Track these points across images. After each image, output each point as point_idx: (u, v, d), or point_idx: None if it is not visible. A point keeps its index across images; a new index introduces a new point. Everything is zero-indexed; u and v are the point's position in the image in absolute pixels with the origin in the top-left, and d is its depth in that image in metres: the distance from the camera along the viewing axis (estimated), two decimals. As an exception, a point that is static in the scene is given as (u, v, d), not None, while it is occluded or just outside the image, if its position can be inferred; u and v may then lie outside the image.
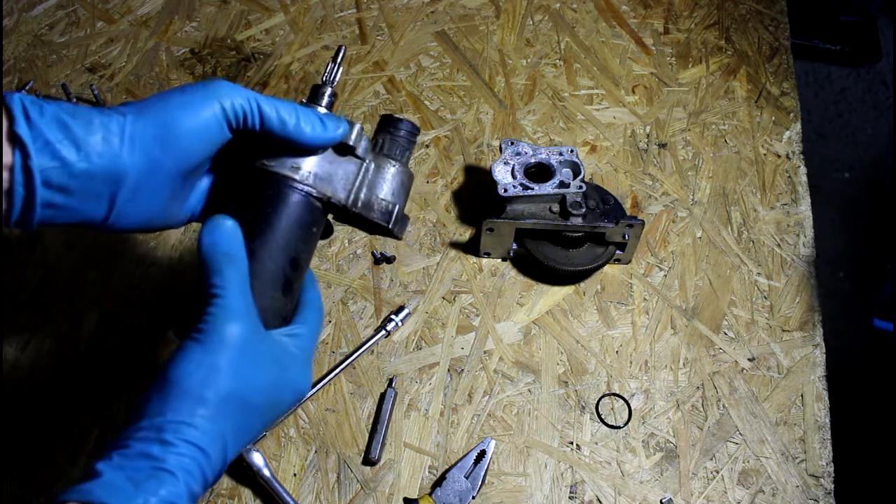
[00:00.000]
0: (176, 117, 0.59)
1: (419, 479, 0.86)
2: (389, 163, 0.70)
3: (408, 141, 0.72)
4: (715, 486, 0.86)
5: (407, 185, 0.72)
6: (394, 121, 0.72)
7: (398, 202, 0.71)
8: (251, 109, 0.61)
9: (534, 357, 0.93)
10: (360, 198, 0.69)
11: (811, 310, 0.98)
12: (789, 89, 1.17)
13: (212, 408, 0.55)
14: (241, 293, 0.58)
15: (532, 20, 1.24)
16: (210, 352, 0.56)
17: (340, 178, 0.68)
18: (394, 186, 0.70)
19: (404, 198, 0.72)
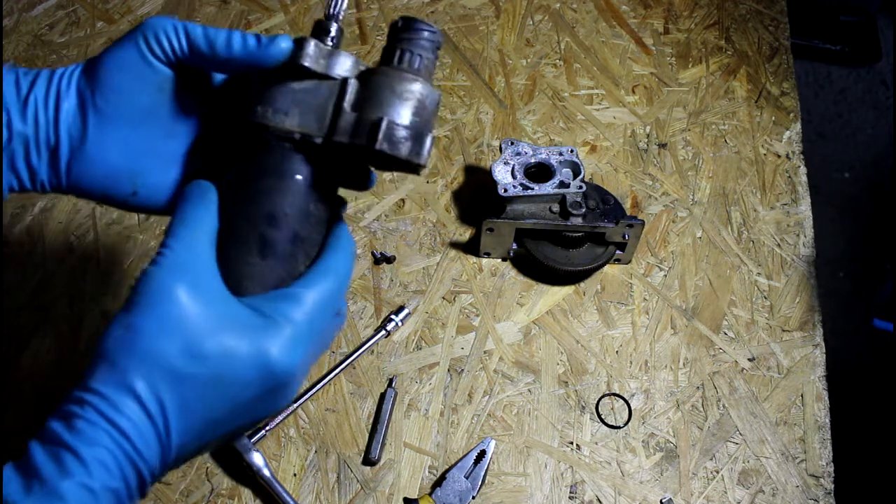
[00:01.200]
0: (99, 56, 0.56)
1: (419, 479, 0.86)
2: (399, 76, 0.55)
3: (425, 48, 0.56)
4: (715, 486, 0.86)
5: (425, 102, 0.55)
6: (408, 25, 0.57)
7: (415, 126, 0.54)
8: (175, 32, 0.56)
9: (534, 357, 0.93)
10: (342, 123, 0.54)
11: (811, 310, 0.98)
12: (789, 89, 1.17)
13: (131, 376, 0.48)
14: (191, 252, 0.51)
15: (532, 20, 1.24)
16: (133, 312, 0.49)
17: (311, 107, 0.55)
18: (404, 102, 0.54)
19: (422, 117, 0.55)
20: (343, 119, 0.54)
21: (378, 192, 1.05)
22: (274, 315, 0.52)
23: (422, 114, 0.55)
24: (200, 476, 0.85)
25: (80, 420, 0.47)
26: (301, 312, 0.53)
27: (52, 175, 0.57)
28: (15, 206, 1.02)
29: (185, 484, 0.85)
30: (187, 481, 0.85)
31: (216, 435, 0.52)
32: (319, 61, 0.55)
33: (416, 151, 0.54)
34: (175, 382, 0.48)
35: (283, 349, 0.51)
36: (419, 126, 0.55)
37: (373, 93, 0.55)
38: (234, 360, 0.49)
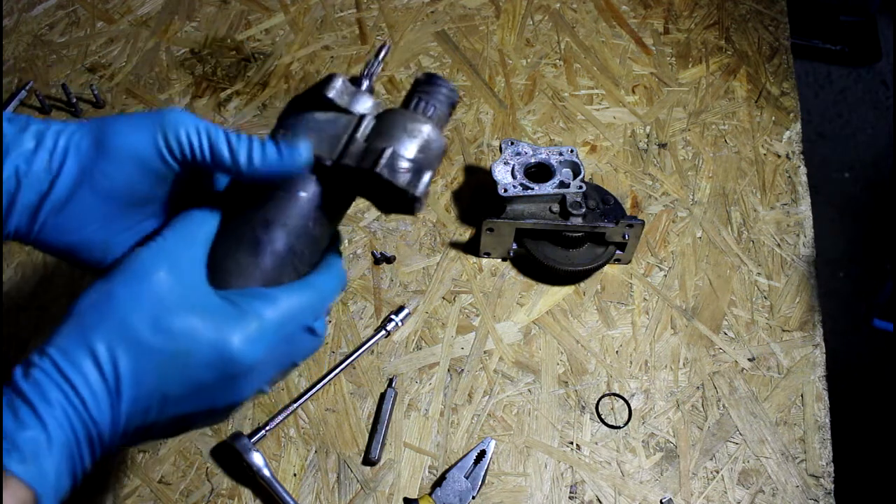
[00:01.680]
0: (114, 130, 0.55)
1: (419, 479, 0.86)
2: (412, 117, 0.59)
3: (441, 101, 0.61)
4: (715, 486, 0.86)
5: (431, 144, 0.59)
6: (429, 79, 0.62)
7: (417, 161, 0.58)
8: (198, 135, 0.55)
9: (534, 357, 0.93)
10: (352, 150, 0.58)
11: (811, 310, 0.98)
12: (789, 89, 1.17)
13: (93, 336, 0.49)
14: (182, 243, 0.53)
15: (532, 20, 1.24)
16: (111, 281, 0.51)
17: (327, 135, 0.59)
18: (412, 138, 0.58)
19: (426, 155, 0.59)
20: (354, 146, 0.58)
21: (378, 192, 1.05)
22: (244, 307, 0.53)
23: (426, 152, 0.59)
24: (200, 476, 0.85)
25: (38, 370, 0.49)
26: (271, 312, 0.53)
27: (25, 224, 0.56)
28: (15, 206, 1.02)
29: (185, 484, 0.85)
30: (187, 481, 0.85)
31: (168, 413, 0.52)
32: (343, 97, 0.59)
33: (414, 184, 0.57)
34: (134, 350, 0.50)
35: (245, 340, 0.52)
36: (421, 162, 0.58)
37: (385, 128, 0.59)
38: (196, 340, 0.51)
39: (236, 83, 1.15)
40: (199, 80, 1.15)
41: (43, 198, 0.55)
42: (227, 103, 1.13)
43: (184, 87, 1.14)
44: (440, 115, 0.62)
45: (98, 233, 0.57)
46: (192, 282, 0.53)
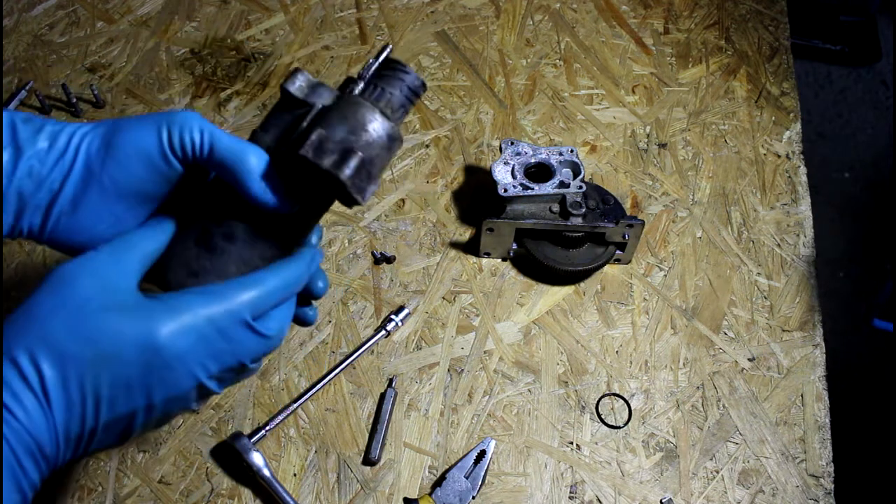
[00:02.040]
0: (120, 127, 0.57)
1: (419, 479, 0.86)
2: (355, 102, 0.57)
3: (394, 86, 0.60)
4: (715, 486, 0.86)
5: (367, 127, 0.56)
6: (388, 63, 0.60)
7: (361, 150, 0.55)
8: (201, 136, 0.56)
9: (534, 357, 0.93)
10: (292, 137, 0.57)
11: (811, 310, 0.98)
12: (789, 89, 1.17)
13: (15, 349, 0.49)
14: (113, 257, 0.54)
15: (532, 20, 1.24)
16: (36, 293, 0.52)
17: (284, 127, 0.58)
18: (343, 122, 0.56)
19: (359, 138, 0.56)
20: (296, 134, 0.57)
21: (378, 192, 1.05)
22: (176, 302, 0.53)
23: (360, 135, 0.56)
24: (200, 476, 0.85)
25: None
26: (203, 305, 0.53)
27: (38, 223, 0.57)
28: (15, 206, 1.02)
29: (185, 484, 0.85)
30: (187, 481, 0.85)
31: (106, 415, 0.52)
32: (304, 90, 0.58)
33: (339, 166, 0.54)
34: (58, 356, 0.50)
35: (172, 331, 0.52)
36: (353, 145, 0.56)
37: (327, 114, 0.57)
38: (120, 338, 0.51)
39: (236, 83, 1.15)
40: (199, 80, 1.15)
41: (55, 197, 0.56)
42: (227, 103, 1.13)
43: (184, 87, 1.14)
44: (392, 102, 0.59)
45: (108, 231, 0.58)
46: (116, 286, 0.53)
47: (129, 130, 0.56)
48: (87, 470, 0.85)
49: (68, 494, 0.84)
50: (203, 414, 0.89)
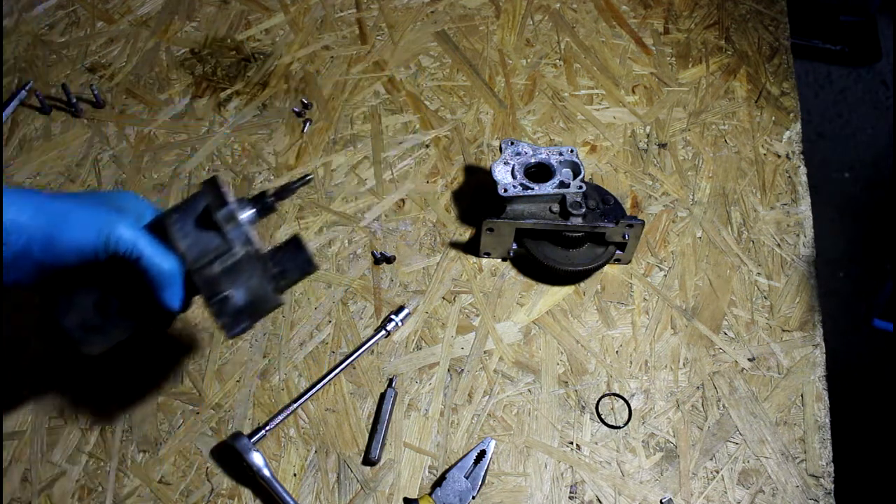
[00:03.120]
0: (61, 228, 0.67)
1: (419, 479, 0.86)
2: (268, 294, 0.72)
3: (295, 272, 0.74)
4: (715, 486, 0.86)
5: (261, 304, 0.72)
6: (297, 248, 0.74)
7: (242, 304, 0.71)
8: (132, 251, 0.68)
9: (534, 357, 0.93)
10: (205, 273, 0.70)
11: (811, 310, 0.98)
12: (789, 89, 1.17)
13: None
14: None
15: (532, 20, 1.24)
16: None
17: (200, 244, 0.70)
18: (248, 294, 0.71)
19: (252, 310, 0.72)
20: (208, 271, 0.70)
21: (378, 193, 1.05)
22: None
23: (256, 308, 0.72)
24: (200, 476, 0.85)
25: None
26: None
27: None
28: (15, 206, 1.02)
29: (185, 484, 0.85)
30: (187, 481, 0.85)
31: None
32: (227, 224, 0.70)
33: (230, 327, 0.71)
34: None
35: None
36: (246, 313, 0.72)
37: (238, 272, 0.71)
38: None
39: (236, 83, 1.15)
40: (199, 80, 1.15)
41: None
42: (227, 103, 1.13)
43: (184, 87, 1.14)
44: (288, 282, 0.74)
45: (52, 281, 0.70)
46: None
47: (70, 232, 0.66)
48: (87, 470, 0.85)
49: (68, 494, 0.84)
50: (203, 414, 0.89)
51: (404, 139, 1.10)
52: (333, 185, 1.06)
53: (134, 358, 0.92)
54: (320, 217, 1.03)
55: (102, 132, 1.10)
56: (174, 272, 0.70)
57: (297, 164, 1.07)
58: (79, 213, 0.67)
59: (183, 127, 1.11)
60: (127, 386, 0.90)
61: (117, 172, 1.06)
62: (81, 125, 1.10)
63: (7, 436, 0.86)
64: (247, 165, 1.07)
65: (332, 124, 1.11)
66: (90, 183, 1.05)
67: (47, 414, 0.88)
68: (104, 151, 1.08)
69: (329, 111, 1.13)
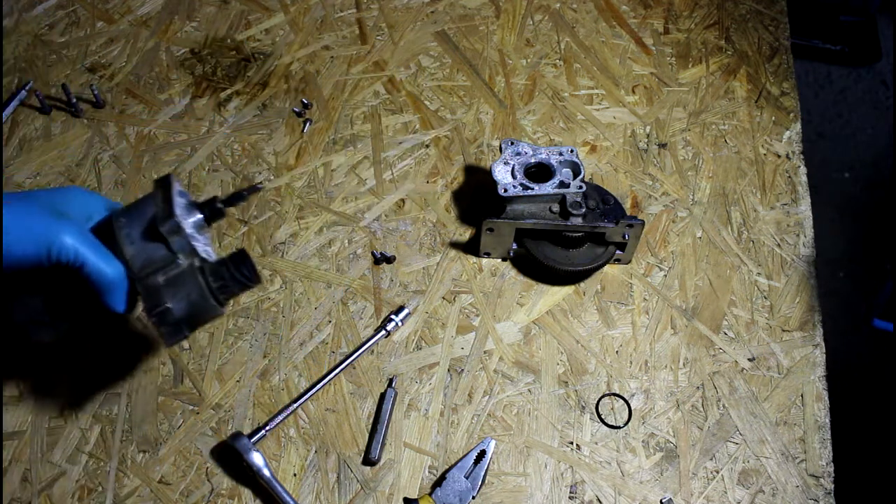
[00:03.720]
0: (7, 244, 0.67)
1: (419, 479, 0.86)
2: (204, 294, 0.73)
3: (237, 286, 0.75)
4: (715, 486, 0.86)
5: (201, 314, 0.73)
6: (241, 262, 0.74)
7: (182, 315, 0.72)
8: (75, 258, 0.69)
9: (534, 357, 0.93)
10: (149, 282, 0.71)
11: (811, 310, 0.98)
12: (789, 89, 1.17)
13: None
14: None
15: (532, 20, 1.24)
16: None
17: (145, 252, 0.71)
18: (189, 305, 0.72)
19: (192, 321, 0.73)
20: (152, 280, 0.71)
21: (378, 193, 1.05)
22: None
23: (196, 319, 0.73)
24: (200, 476, 0.85)
25: None
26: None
27: None
28: (15, 206, 1.02)
29: (185, 484, 0.85)
30: (187, 481, 0.85)
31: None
32: (172, 237, 0.71)
33: (170, 337, 0.73)
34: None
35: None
36: (187, 323, 0.73)
37: (181, 285, 0.72)
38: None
39: (236, 83, 1.15)
40: (199, 80, 1.15)
41: None
42: (227, 103, 1.13)
43: (184, 87, 1.14)
44: (230, 295, 0.75)
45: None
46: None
47: (10, 246, 0.67)
48: (87, 470, 0.85)
49: (68, 494, 0.84)
50: (203, 414, 0.89)
51: (404, 139, 1.10)
52: (333, 185, 1.06)
53: (134, 357, 0.92)
54: (320, 217, 1.03)
55: (102, 132, 1.10)
56: (118, 278, 0.71)
57: (297, 164, 1.07)
58: (18, 224, 0.68)
59: (183, 127, 1.11)
60: (127, 385, 0.90)
61: (117, 172, 1.06)
62: (81, 125, 1.10)
63: (7, 436, 0.86)
64: (247, 165, 1.07)
65: (332, 124, 1.11)
66: (90, 183, 1.05)
67: (47, 414, 0.88)
68: (104, 151, 1.08)
69: (329, 111, 1.13)
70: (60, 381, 0.90)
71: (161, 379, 0.91)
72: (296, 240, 1.01)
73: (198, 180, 1.05)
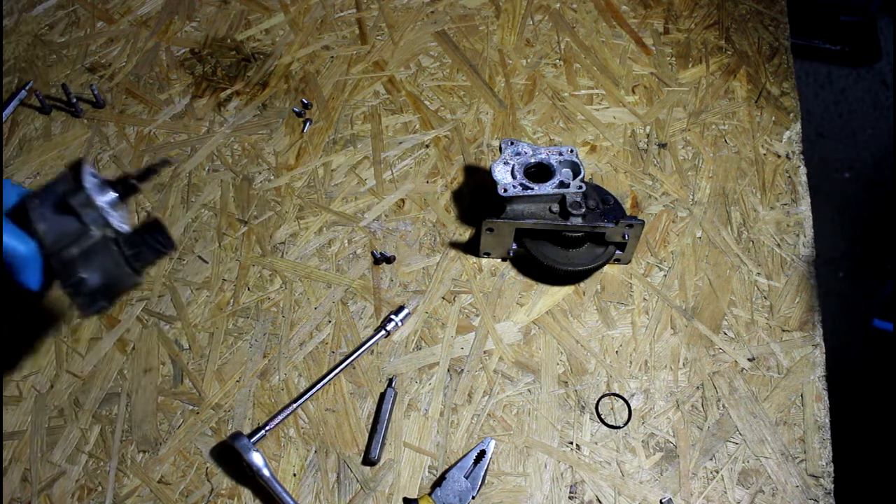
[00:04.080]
0: None
1: (419, 479, 0.86)
2: (126, 274, 0.73)
3: (152, 254, 0.75)
4: (715, 486, 0.86)
5: (117, 284, 0.74)
6: (154, 229, 0.75)
7: (97, 285, 0.72)
8: None
9: (534, 357, 0.93)
10: (64, 255, 0.71)
11: (811, 310, 0.98)
12: (789, 89, 1.17)
13: None
14: None
15: (532, 20, 1.24)
16: None
17: (59, 227, 0.71)
18: (104, 275, 0.72)
19: (108, 291, 0.73)
20: (66, 253, 0.71)
21: (378, 193, 1.05)
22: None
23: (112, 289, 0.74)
24: (200, 476, 0.85)
25: None
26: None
27: None
28: (15, 206, 1.02)
29: (185, 484, 0.85)
30: (187, 481, 0.85)
31: None
32: (85, 208, 0.71)
33: (86, 307, 0.73)
34: None
35: None
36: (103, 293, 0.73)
37: (96, 256, 0.72)
38: None
39: (236, 83, 1.15)
40: (199, 80, 1.15)
41: None
42: (227, 103, 1.13)
43: (184, 87, 1.14)
44: (145, 263, 0.75)
45: None
46: None
47: None
48: (86, 470, 0.85)
49: (68, 494, 0.84)
50: (203, 414, 0.89)
51: (404, 139, 1.10)
52: (333, 185, 1.06)
53: (133, 357, 0.92)
54: (320, 217, 1.03)
55: (102, 132, 1.10)
56: (31, 254, 0.71)
57: (297, 164, 1.07)
58: None
59: (183, 127, 1.11)
60: (127, 385, 0.90)
61: (117, 172, 1.06)
62: (81, 125, 1.10)
63: (7, 436, 0.86)
64: (247, 165, 1.07)
65: (332, 124, 1.11)
66: (90, 183, 1.05)
67: (47, 414, 0.88)
68: (104, 151, 1.08)
69: (329, 111, 1.13)
70: (60, 380, 0.90)
71: (161, 379, 0.91)
72: (296, 240, 1.01)
73: (198, 180, 1.05)
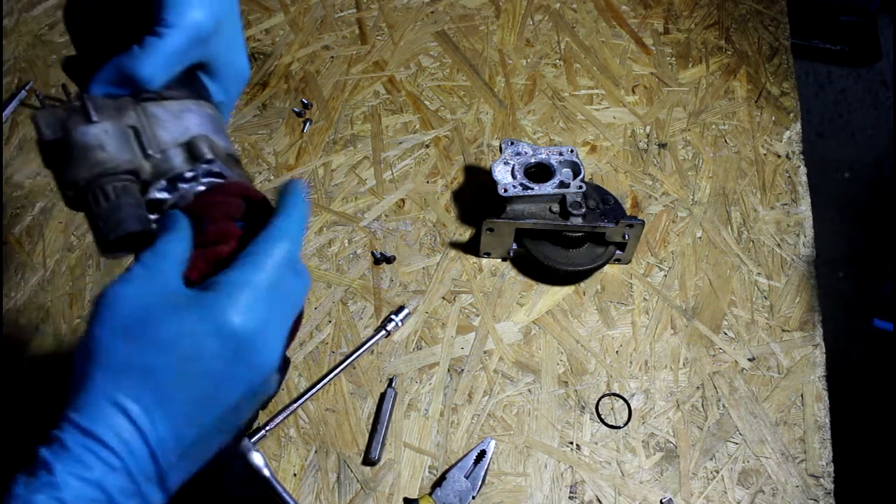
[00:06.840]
0: None
1: (419, 479, 0.86)
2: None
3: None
4: (715, 486, 0.86)
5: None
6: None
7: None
8: None
9: (534, 357, 0.93)
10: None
11: (811, 310, 0.98)
12: (789, 89, 1.17)
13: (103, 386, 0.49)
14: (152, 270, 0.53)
15: (532, 20, 1.24)
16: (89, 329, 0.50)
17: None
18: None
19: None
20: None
21: (378, 193, 1.05)
22: (227, 284, 0.52)
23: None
24: (200, 476, 0.85)
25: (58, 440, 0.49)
26: (256, 272, 0.52)
27: None
28: (15, 206, 1.02)
29: (185, 484, 0.85)
30: (187, 481, 0.85)
31: (211, 417, 0.51)
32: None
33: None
34: (145, 378, 0.49)
35: (240, 310, 0.50)
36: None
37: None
38: (194, 336, 0.49)
39: (236, 83, 1.15)
40: (199, 80, 1.15)
41: None
42: (227, 103, 1.13)
43: (184, 87, 1.14)
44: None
45: None
46: (166, 292, 0.51)
47: None
48: (87, 470, 0.85)
49: (68, 494, 0.84)
50: (203, 414, 0.89)
51: (404, 139, 1.10)
52: (333, 185, 1.06)
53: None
54: (320, 217, 1.03)
55: (102, 132, 1.10)
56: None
57: (298, 164, 1.07)
58: None
59: (183, 127, 1.11)
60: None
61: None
62: (81, 125, 1.10)
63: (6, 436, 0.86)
64: (247, 165, 1.07)
65: (332, 124, 1.11)
66: (90, 183, 1.05)
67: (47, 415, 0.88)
68: (104, 151, 1.08)
69: (329, 111, 1.13)
70: (60, 380, 0.90)
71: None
72: (296, 240, 1.01)
73: (198, 180, 1.05)
